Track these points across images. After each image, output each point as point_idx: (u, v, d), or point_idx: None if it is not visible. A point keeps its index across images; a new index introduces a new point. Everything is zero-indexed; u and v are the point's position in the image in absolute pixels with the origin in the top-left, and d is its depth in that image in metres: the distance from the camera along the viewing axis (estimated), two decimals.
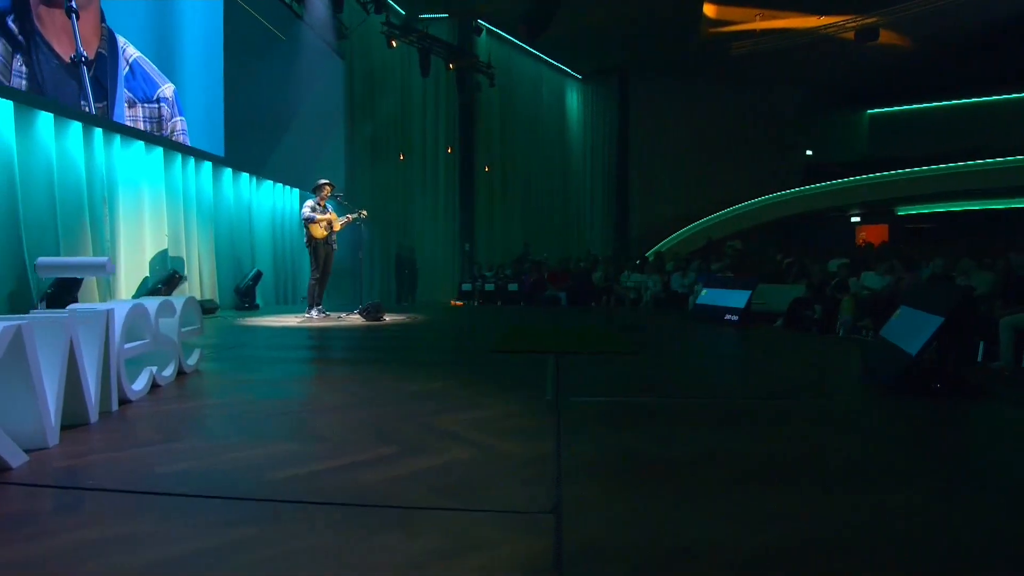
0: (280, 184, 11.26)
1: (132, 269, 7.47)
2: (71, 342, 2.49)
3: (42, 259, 3.35)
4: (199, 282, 8.83)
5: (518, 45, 18.81)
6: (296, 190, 11.96)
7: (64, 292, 6.09)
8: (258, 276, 9.64)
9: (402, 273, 15.35)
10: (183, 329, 3.88)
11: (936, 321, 3.31)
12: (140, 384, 3.20)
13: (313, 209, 7.81)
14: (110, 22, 6.43)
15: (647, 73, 19.58)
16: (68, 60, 5.05)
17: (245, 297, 9.45)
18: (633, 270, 12.52)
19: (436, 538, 1.49)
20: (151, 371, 3.33)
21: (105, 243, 6.95)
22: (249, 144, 9.75)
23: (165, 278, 7.59)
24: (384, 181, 15.64)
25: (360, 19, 13.53)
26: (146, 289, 7.54)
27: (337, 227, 8.04)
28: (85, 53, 5.03)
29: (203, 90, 8.46)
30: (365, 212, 8.69)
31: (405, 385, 3.58)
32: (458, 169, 17.75)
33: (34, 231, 6.09)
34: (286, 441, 2.38)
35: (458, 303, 13.07)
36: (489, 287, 13.03)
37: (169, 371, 3.56)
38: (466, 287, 13.35)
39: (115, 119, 5.86)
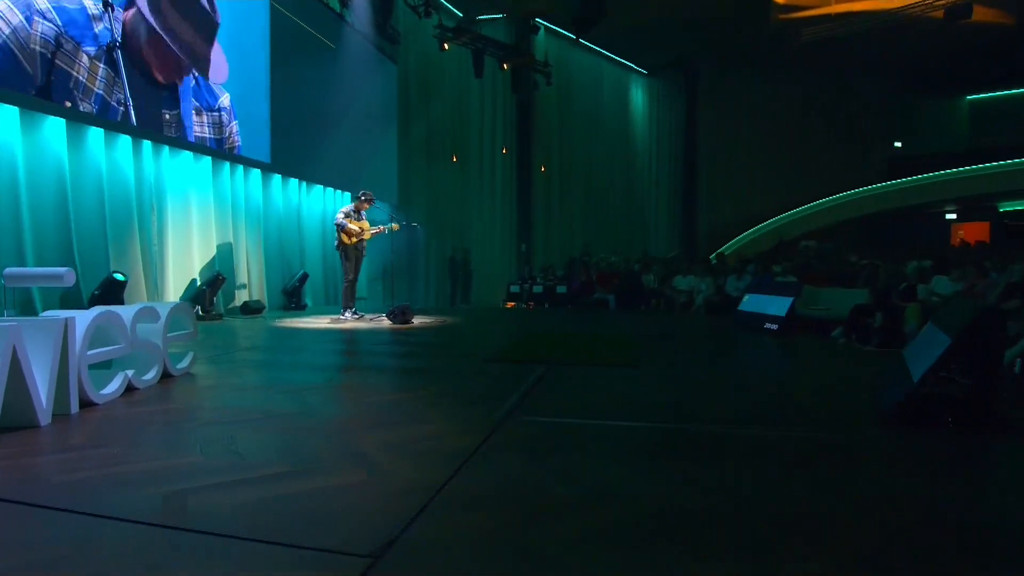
0: (331, 188, 11.62)
1: (180, 272, 7.93)
2: (14, 349, 2.62)
3: (9, 270, 3.54)
4: (248, 284, 9.26)
5: (577, 42, 18.50)
6: (347, 194, 12.29)
7: (109, 294, 6.57)
8: (304, 278, 10.00)
9: (456, 275, 15.49)
10: (172, 334, 4.04)
11: (945, 342, 2.87)
12: (112, 387, 3.34)
13: (347, 216, 7.98)
14: None
15: (714, 65, 18.71)
16: (156, 83, 6.01)
17: (292, 298, 9.84)
18: (690, 272, 11.94)
19: (214, 572, 1.41)
20: (126, 375, 3.47)
21: (152, 248, 7.42)
22: (298, 150, 10.12)
23: (209, 280, 8.02)
24: (439, 183, 15.84)
25: (412, 24, 13.76)
26: (194, 290, 7.99)
27: (366, 236, 8.18)
28: (169, 78, 6.11)
29: (250, 98, 8.84)
30: (397, 225, 8.83)
31: (370, 396, 3.55)
32: (515, 169, 17.71)
33: (85, 237, 6.58)
34: (194, 455, 2.38)
35: (512, 305, 12.96)
36: (537, 289, 12.86)
37: (151, 374, 3.70)
38: (514, 289, 13.24)
39: (185, 125, 6.53)
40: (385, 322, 7.68)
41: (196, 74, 6.90)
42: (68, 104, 5.56)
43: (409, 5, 13.15)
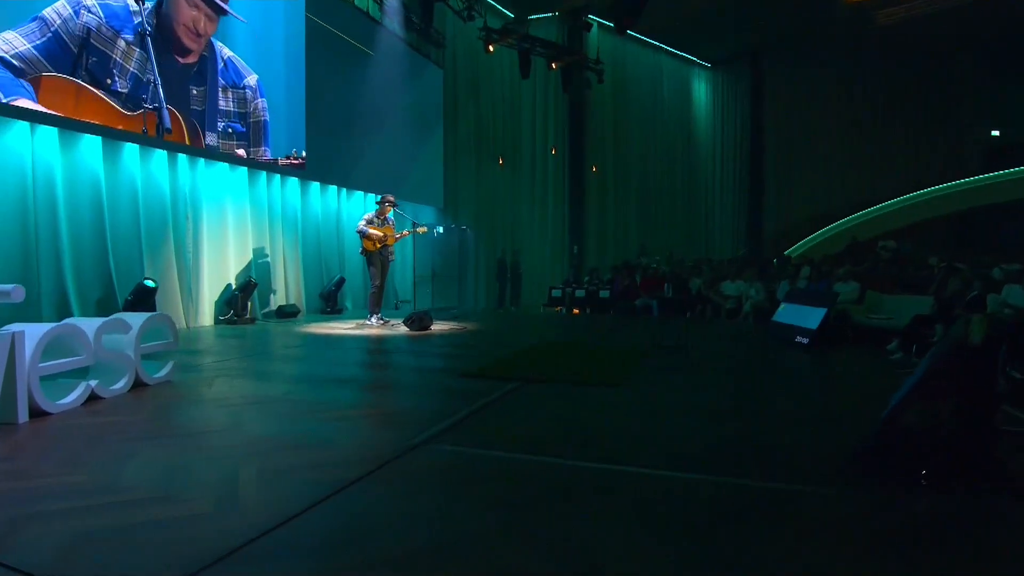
0: (372, 194, 11.82)
1: (215, 278, 8.30)
2: None
3: None
4: (284, 288, 9.59)
5: (634, 37, 17.94)
6: None
7: (141, 299, 6.95)
8: (341, 282, 10.24)
9: (504, 278, 15.41)
10: (148, 344, 4.18)
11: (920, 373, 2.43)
12: (70, 397, 3.47)
13: (369, 222, 8.07)
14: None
15: (783, 55, 17.57)
16: (182, 64, 6.71)
17: (328, 302, 10.10)
18: (739, 277, 11.22)
19: None
20: (88, 384, 3.60)
21: (187, 255, 7.80)
22: (336, 157, 10.37)
23: (242, 285, 8.35)
24: (488, 185, 15.83)
25: (458, 27, 13.80)
26: (228, 294, 8.35)
27: (391, 241, 8.22)
28: (196, 60, 6.93)
29: (286, 107, 9.12)
30: (423, 228, 8.87)
31: (305, 414, 3.45)
32: (566, 170, 17.41)
33: (121, 245, 7.01)
34: (83, 474, 2.40)
35: (560, 309, 12.64)
36: (580, 293, 12.50)
37: (119, 384, 3.83)
38: (556, 293, 12.95)
39: (210, 105, 7.11)
40: (402, 328, 7.69)
41: (226, 54, 7.29)
42: (109, 81, 6.13)
43: (452, 9, 13.20)
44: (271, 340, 6.78)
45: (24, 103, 5.77)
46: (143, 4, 6.59)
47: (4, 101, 5.59)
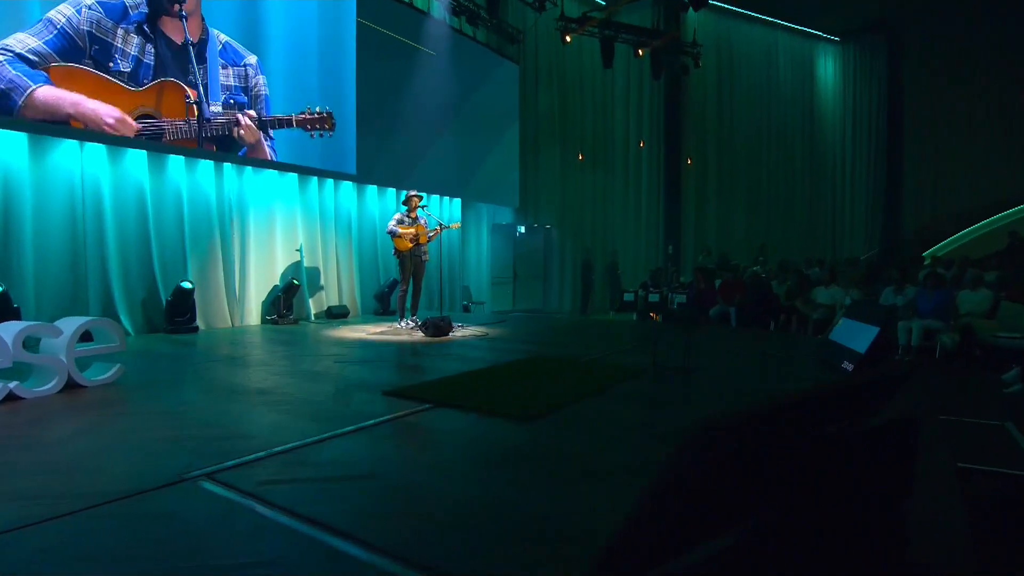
0: (436, 196, 11.82)
1: (262, 279, 8.73)
2: None
3: None
4: (337, 290, 9.87)
5: (742, 14, 16.27)
6: (457, 200, 12.44)
7: (179, 301, 7.47)
8: (393, 284, 10.32)
9: (589, 280, 14.73)
10: (89, 347, 4.36)
11: None
12: None
13: (400, 222, 7.98)
14: (252, 49, 8.24)
15: (925, 24, 14.85)
16: (179, 45, 7.39)
17: (382, 303, 10.26)
18: (834, 282, 9.56)
19: None
20: (6, 385, 3.80)
21: (232, 259, 8.25)
22: (393, 160, 10.46)
23: (285, 286, 8.70)
24: (573, 183, 15.23)
25: (532, 19, 13.37)
26: (274, 295, 8.74)
27: (423, 240, 8.06)
28: (191, 39, 7.49)
29: (337, 109, 9.34)
30: (456, 224, 8.63)
31: (138, 430, 3.34)
32: (661, 164, 16.23)
33: (166, 250, 7.59)
34: None
35: (654, 315, 11.49)
36: (653, 297, 11.46)
37: (47, 386, 4.03)
38: (628, 297, 12.02)
39: (211, 80, 7.65)
40: (418, 334, 7.51)
41: (223, 39, 7.87)
42: (111, 65, 6.81)
43: (525, 3, 12.81)
44: (265, 342, 6.87)
45: (46, 91, 6.41)
46: None
47: (33, 87, 6.27)
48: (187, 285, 7.45)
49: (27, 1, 6.17)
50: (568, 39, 13.08)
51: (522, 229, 14.73)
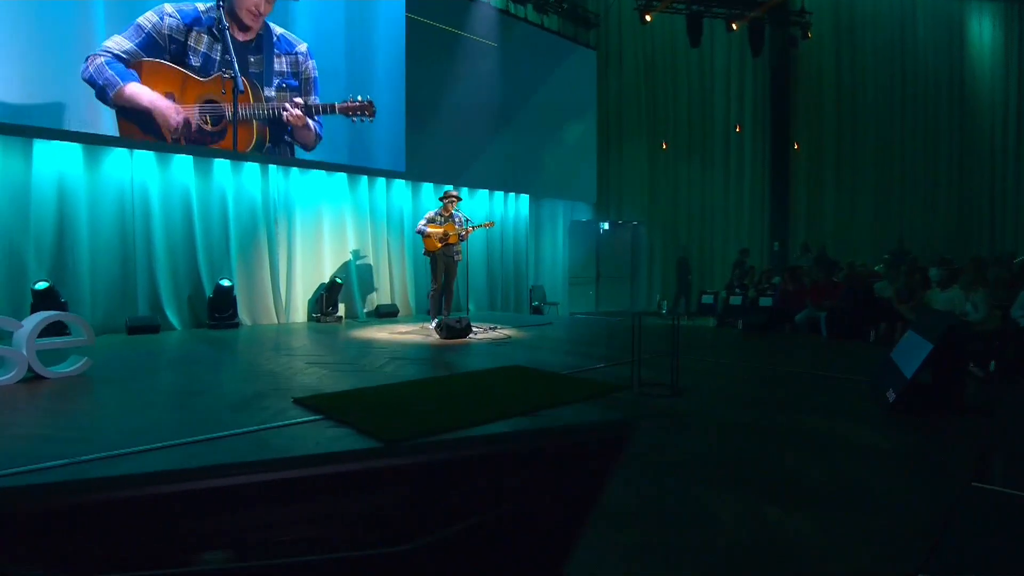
0: (500, 192, 11.44)
1: (310, 278, 8.91)
2: None
3: None
4: (389, 289, 9.85)
5: None
6: (525, 196, 11.95)
7: (219, 297, 7.78)
8: None
9: (685, 279, 13.49)
10: (53, 340, 4.52)
11: None
12: None
13: (430, 221, 7.74)
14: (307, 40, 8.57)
15: None
16: (241, 42, 8.10)
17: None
18: (954, 282, 7.70)
19: None
20: None
21: (277, 258, 8.49)
22: (450, 158, 10.25)
23: (328, 285, 8.80)
24: (663, 175, 14.09)
25: (611, 1, 12.52)
26: (319, 293, 8.87)
27: (453, 239, 7.73)
28: (251, 37, 8.22)
29: (387, 110, 9.31)
30: (491, 222, 8.20)
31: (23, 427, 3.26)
32: (767, 150, 14.48)
33: (213, 249, 7.97)
34: None
35: (716, 320, 10.24)
36: (735, 300, 10.06)
37: (6, 376, 4.21)
38: (707, 300, 10.72)
39: (268, 66, 8.24)
40: (433, 335, 7.17)
41: (278, 31, 8.37)
42: (186, 59, 7.61)
43: None
44: (265, 341, 6.84)
45: (132, 89, 6.94)
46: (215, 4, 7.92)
47: (119, 85, 6.89)
48: (226, 283, 7.76)
49: (91, 2, 6.88)
50: (648, 18, 12.05)
51: (605, 226, 13.88)
